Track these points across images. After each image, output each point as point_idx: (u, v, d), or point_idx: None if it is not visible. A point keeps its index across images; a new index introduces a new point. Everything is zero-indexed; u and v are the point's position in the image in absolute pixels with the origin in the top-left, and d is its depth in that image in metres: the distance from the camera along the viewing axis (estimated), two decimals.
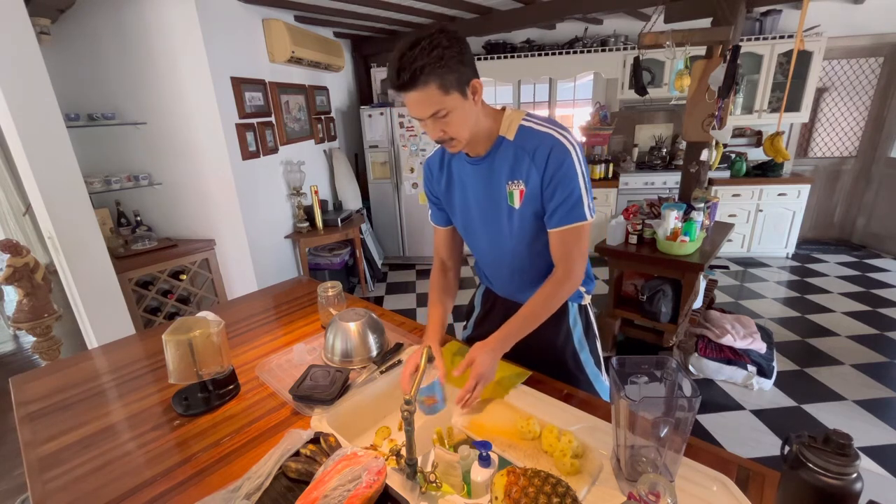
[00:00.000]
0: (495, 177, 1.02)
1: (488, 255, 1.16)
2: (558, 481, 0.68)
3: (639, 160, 4.38)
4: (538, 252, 1.07)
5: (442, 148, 1.11)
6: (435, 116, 0.89)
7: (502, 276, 1.19)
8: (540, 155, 0.95)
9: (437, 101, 0.87)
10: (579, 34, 4.17)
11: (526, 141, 0.97)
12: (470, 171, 1.06)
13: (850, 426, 2.05)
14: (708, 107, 2.43)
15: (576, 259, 1.00)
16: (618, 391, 0.74)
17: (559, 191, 0.95)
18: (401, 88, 0.86)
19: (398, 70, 0.84)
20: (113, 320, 2.20)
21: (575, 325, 1.18)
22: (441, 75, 0.84)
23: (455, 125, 0.91)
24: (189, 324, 1.03)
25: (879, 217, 4.27)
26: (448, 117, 0.90)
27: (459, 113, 0.90)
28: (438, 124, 0.91)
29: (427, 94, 0.86)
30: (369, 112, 4.01)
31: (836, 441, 0.61)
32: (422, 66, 0.82)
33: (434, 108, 0.87)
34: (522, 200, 1.00)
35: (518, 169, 0.98)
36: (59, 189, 1.94)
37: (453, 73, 0.86)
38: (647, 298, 2.50)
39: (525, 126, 0.98)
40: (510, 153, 0.99)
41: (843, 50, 3.94)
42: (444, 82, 0.85)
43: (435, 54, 0.82)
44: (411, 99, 0.88)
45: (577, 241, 0.99)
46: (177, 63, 2.46)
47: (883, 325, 2.92)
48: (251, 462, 0.86)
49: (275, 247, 3.20)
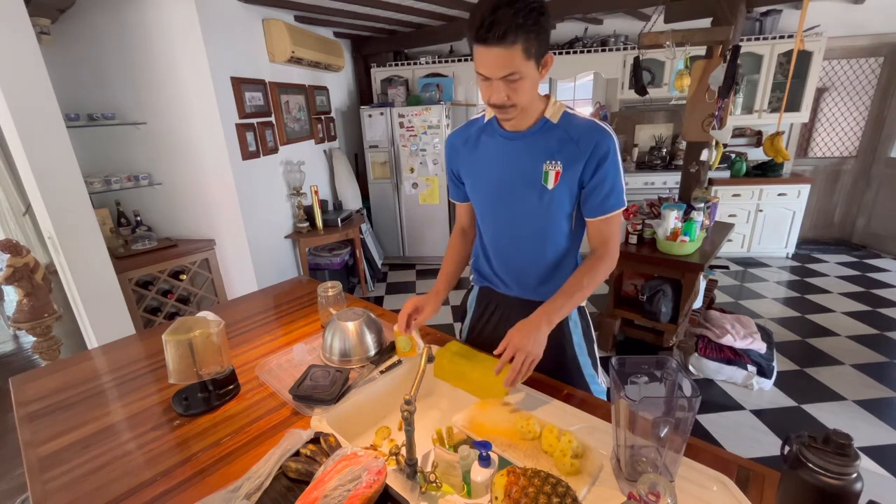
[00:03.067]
0: (533, 155, 1.01)
1: (504, 235, 1.13)
2: (558, 481, 0.68)
3: (639, 160, 4.38)
4: (557, 240, 1.08)
5: (468, 123, 1.13)
6: (507, 79, 0.87)
7: (511, 264, 1.16)
8: (586, 143, 0.97)
9: (517, 64, 0.85)
10: (579, 34, 4.17)
11: (571, 127, 0.99)
12: (503, 147, 1.05)
13: (850, 426, 2.05)
14: (708, 107, 2.43)
15: (616, 241, 1.05)
16: (618, 391, 0.74)
17: (607, 181, 0.98)
18: (485, 42, 0.83)
19: (491, 22, 0.80)
20: (113, 320, 2.20)
21: (575, 328, 1.17)
22: (529, 39, 0.83)
23: (522, 92, 0.90)
24: (189, 324, 1.03)
25: (879, 217, 4.27)
26: (518, 83, 0.88)
27: (529, 82, 0.89)
28: (507, 88, 0.89)
29: (511, 54, 0.83)
30: (369, 112, 4.01)
31: (836, 441, 0.60)
32: (518, 24, 0.80)
33: (511, 69, 0.85)
34: (557, 182, 1.00)
35: (560, 151, 0.99)
36: (59, 189, 1.94)
37: (539, 40, 0.85)
38: (647, 298, 2.50)
39: (570, 113, 1.01)
40: (553, 134, 0.99)
41: (843, 50, 3.94)
42: (529, 47, 0.84)
43: (533, 16, 0.81)
44: (492, 54, 0.84)
45: (617, 226, 1.05)
46: (177, 63, 2.46)
47: (883, 325, 2.92)
48: (251, 462, 0.86)
49: (275, 247, 3.20)
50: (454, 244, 1.27)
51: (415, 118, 3.93)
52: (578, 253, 1.14)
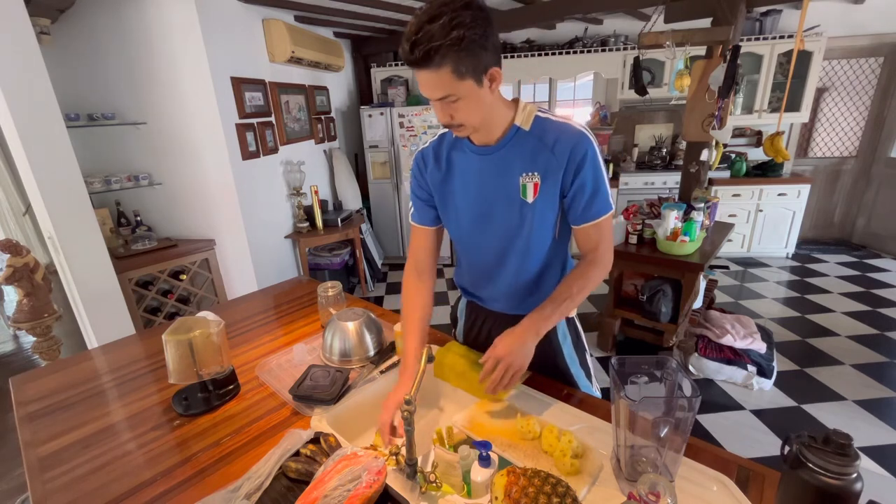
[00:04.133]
0: (507, 169, 0.94)
1: (485, 255, 1.06)
2: (558, 481, 0.68)
3: (639, 160, 4.38)
4: (542, 252, 1.02)
5: (439, 138, 1.04)
6: (444, 100, 0.83)
7: (496, 282, 1.09)
8: (561, 148, 0.90)
9: (448, 86, 0.80)
10: (579, 34, 4.17)
11: (544, 133, 0.92)
12: (475, 163, 0.98)
13: (850, 426, 2.05)
14: (708, 107, 2.43)
15: (607, 246, 0.99)
16: (618, 391, 0.74)
17: (587, 186, 0.91)
18: (412, 64, 0.79)
19: (412, 44, 0.76)
20: (113, 320, 2.20)
21: (564, 340, 1.12)
22: (457, 59, 0.77)
23: (464, 112, 0.85)
24: (189, 324, 1.03)
25: (879, 217, 4.27)
26: (458, 104, 0.83)
27: (471, 101, 0.84)
28: (447, 109, 0.85)
29: (439, 76, 0.79)
30: (369, 112, 4.01)
31: (836, 441, 0.60)
32: (437, 46, 0.74)
33: (444, 91, 0.81)
34: (537, 194, 0.94)
35: (535, 161, 0.92)
36: (59, 189, 1.94)
37: (472, 58, 0.78)
38: (647, 298, 2.50)
39: (542, 117, 0.93)
40: (526, 144, 0.93)
41: (843, 50, 3.94)
42: (460, 67, 0.78)
43: (454, 35, 0.74)
44: (422, 77, 0.81)
45: (607, 230, 0.97)
46: (177, 63, 2.46)
47: (883, 325, 2.92)
48: (251, 462, 0.86)
49: (275, 247, 3.19)
50: (411, 299, 1.08)
51: (415, 118, 3.93)
52: (567, 258, 1.09)
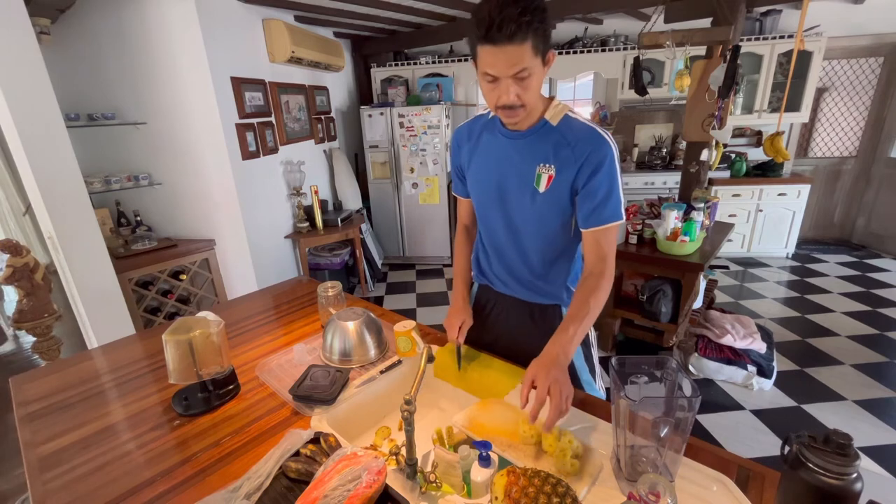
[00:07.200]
0: (529, 156, 1.00)
1: (500, 233, 1.12)
2: (558, 481, 0.68)
3: (639, 160, 4.38)
4: (548, 242, 1.07)
5: (475, 118, 1.12)
6: (517, 76, 0.86)
7: (506, 261, 1.15)
8: (581, 149, 0.94)
9: (527, 60, 0.84)
10: (579, 34, 4.17)
11: (569, 131, 0.97)
12: (503, 145, 1.04)
13: (850, 426, 2.05)
14: (708, 107, 2.43)
15: (613, 258, 1.00)
16: (618, 391, 0.74)
17: (600, 190, 0.95)
18: (495, 41, 0.82)
19: (502, 20, 0.79)
20: (113, 320, 2.20)
21: None
22: (537, 35, 0.82)
23: (530, 90, 0.89)
24: (189, 324, 1.03)
25: (879, 217, 4.27)
26: (528, 80, 0.87)
27: (537, 79, 0.88)
28: (516, 86, 0.87)
29: (522, 50, 0.82)
30: (369, 112, 4.01)
31: (836, 441, 0.60)
32: (527, 22, 0.79)
33: (522, 66, 0.84)
34: (549, 186, 0.99)
35: (554, 155, 0.97)
36: (59, 189, 1.94)
37: (545, 36, 0.85)
38: (647, 298, 2.50)
39: (571, 116, 0.98)
40: (550, 138, 0.98)
41: (843, 50, 3.94)
42: (537, 43, 0.83)
43: (538, 14, 0.81)
44: (504, 53, 0.83)
45: (614, 240, 1.00)
46: (177, 63, 2.46)
47: (883, 325, 2.92)
48: (251, 462, 0.86)
49: (275, 247, 3.20)
50: (461, 246, 1.27)
51: (415, 118, 3.93)
52: (577, 257, 1.10)
